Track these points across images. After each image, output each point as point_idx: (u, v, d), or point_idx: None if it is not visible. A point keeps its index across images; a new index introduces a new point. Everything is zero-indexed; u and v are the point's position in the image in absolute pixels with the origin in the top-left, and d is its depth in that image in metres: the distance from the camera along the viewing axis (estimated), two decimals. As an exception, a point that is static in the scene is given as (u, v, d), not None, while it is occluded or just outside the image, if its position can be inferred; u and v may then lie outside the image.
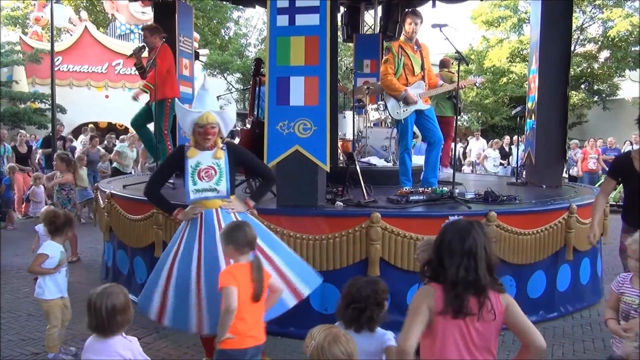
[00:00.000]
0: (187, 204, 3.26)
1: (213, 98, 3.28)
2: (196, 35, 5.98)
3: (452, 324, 1.89)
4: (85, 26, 19.13)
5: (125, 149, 9.97)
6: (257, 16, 27.32)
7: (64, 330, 3.73)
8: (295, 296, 3.12)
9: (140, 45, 6.45)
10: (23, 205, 9.79)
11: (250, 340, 2.64)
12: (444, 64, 8.34)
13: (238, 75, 23.41)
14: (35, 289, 3.67)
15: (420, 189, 4.83)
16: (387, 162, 6.70)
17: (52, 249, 3.62)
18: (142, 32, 6.46)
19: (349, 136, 6.42)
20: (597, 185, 10.40)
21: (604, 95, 20.67)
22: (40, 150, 11.24)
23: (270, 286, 2.81)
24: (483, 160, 12.99)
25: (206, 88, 3.23)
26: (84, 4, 24.12)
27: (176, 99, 4.11)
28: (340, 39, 10.36)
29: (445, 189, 4.82)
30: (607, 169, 11.71)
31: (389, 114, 5.63)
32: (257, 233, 3.10)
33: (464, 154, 14.29)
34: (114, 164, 9.88)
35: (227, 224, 2.97)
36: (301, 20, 4.19)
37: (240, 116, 8.73)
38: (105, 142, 11.63)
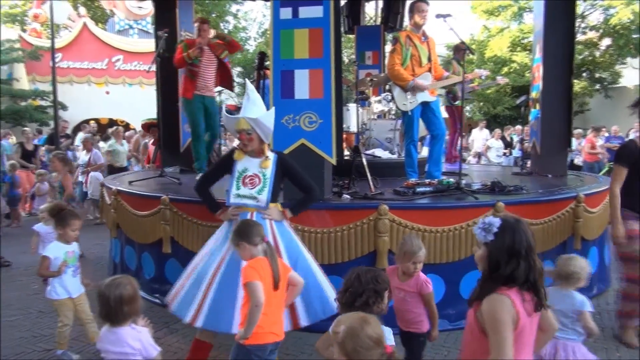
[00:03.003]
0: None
1: (253, 104, 3.19)
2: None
3: (527, 322, 1.88)
4: (84, 22, 19.05)
5: (115, 146, 9.90)
6: (256, 9, 27.21)
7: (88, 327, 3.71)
8: (293, 323, 3.07)
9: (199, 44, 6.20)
10: (27, 203, 9.80)
11: (270, 336, 2.64)
12: (457, 50, 8.14)
13: (239, 69, 23.34)
14: (45, 287, 3.69)
15: (427, 181, 4.82)
16: (392, 154, 6.69)
17: (54, 251, 3.56)
18: (198, 24, 6.16)
19: (353, 129, 6.40)
20: (601, 173, 10.39)
21: (605, 83, 20.59)
22: (44, 147, 11.23)
23: (290, 279, 2.81)
24: (486, 151, 12.99)
25: (247, 94, 3.21)
26: (82, 0, 24.00)
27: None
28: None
29: (451, 180, 4.81)
30: (609, 157, 11.71)
31: (396, 105, 5.60)
32: (284, 245, 3.17)
33: (467, 144, 14.26)
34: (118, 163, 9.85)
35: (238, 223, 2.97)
36: (304, 12, 4.16)
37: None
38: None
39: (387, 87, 7.33)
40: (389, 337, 2.27)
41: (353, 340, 1.74)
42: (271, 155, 3.25)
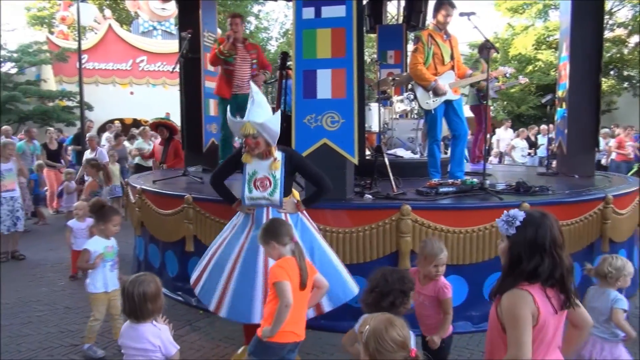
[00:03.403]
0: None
1: (259, 107, 3.16)
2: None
3: (551, 319, 1.83)
4: (110, 24, 19.41)
5: (142, 145, 10.11)
6: (277, 9, 27.32)
7: (115, 322, 3.78)
8: (316, 310, 3.16)
9: (229, 36, 6.32)
10: (54, 201, 10.01)
11: (291, 335, 2.65)
12: (482, 49, 8.07)
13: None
14: (85, 281, 3.80)
15: (450, 181, 4.77)
16: (414, 153, 6.63)
17: (95, 245, 3.71)
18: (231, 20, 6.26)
19: (375, 128, 6.37)
20: (630, 173, 10.13)
21: (634, 81, 20.07)
22: (70, 147, 11.47)
23: (316, 282, 2.82)
24: (511, 151, 12.79)
25: (252, 96, 3.19)
26: (108, 2, 24.45)
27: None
28: (362, 30, 10.27)
29: (475, 180, 4.75)
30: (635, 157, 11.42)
31: (418, 104, 5.56)
32: (302, 235, 3.19)
33: (490, 144, 14.05)
34: (136, 160, 10.02)
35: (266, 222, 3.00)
36: (327, 12, 4.16)
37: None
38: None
39: (409, 86, 7.26)
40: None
41: (377, 342, 1.73)
42: (279, 155, 3.23)
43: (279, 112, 3.39)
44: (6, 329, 4.18)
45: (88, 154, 9.23)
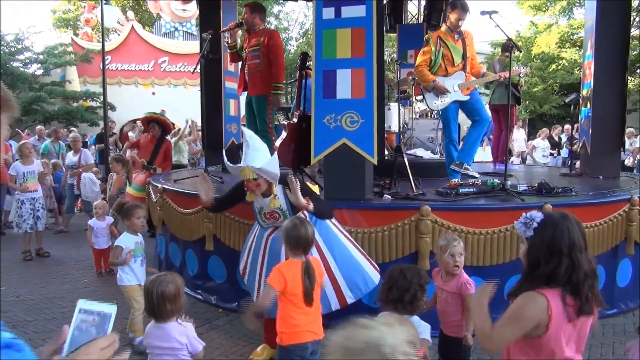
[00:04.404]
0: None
1: (256, 150, 3.13)
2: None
3: (566, 327, 1.77)
4: (132, 26, 19.68)
5: (179, 144, 10.17)
6: (297, 10, 27.35)
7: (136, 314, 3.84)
8: (340, 301, 3.20)
9: (238, 21, 5.94)
10: (79, 201, 10.19)
11: (308, 334, 2.66)
12: (505, 48, 7.96)
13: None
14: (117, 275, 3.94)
15: (470, 181, 4.71)
16: (434, 153, 6.60)
17: (126, 241, 3.85)
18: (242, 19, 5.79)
19: (394, 128, 6.34)
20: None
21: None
22: (94, 146, 11.69)
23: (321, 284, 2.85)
24: (532, 151, 12.58)
25: (246, 140, 3.16)
26: (130, 4, 24.82)
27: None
28: (382, 30, 10.23)
29: (496, 180, 4.69)
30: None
31: (426, 104, 5.51)
32: (319, 230, 3.18)
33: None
34: (174, 159, 10.04)
35: (290, 219, 2.98)
36: (347, 12, 4.16)
37: (284, 110, 8.74)
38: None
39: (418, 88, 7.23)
40: (426, 333, 2.35)
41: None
42: (278, 191, 3.21)
43: (275, 155, 3.38)
44: (31, 324, 4.28)
45: (72, 157, 8.72)
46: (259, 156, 3.08)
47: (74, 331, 1.13)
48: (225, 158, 3.49)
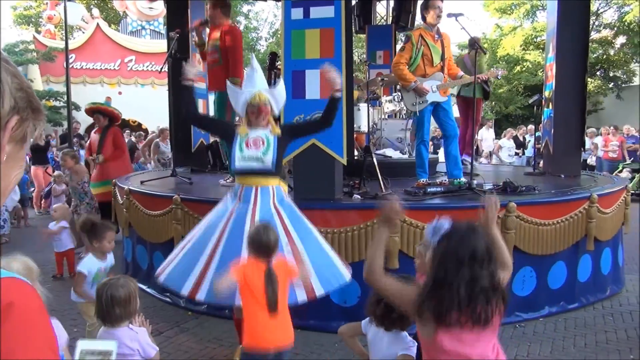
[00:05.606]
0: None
1: (262, 77, 3.22)
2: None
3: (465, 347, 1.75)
4: (97, 23, 19.24)
5: (160, 145, 9.97)
6: (267, 9, 27.27)
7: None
8: (307, 294, 3.01)
9: (204, 19, 5.83)
10: (42, 201, 9.90)
11: (270, 341, 2.55)
12: (472, 44, 8.03)
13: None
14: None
15: (438, 181, 4.79)
16: (403, 154, 6.66)
17: (89, 265, 3.41)
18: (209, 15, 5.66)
19: (364, 129, 6.39)
20: (614, 173, 10.26)
21: (619, 82, 20.33)
22: (55, 148, 11.39)
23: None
24: (498, 150, 12.90)
25: (254, 67, 3.18)
26: (95, 2, 24.24)
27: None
28: (351, 31, 10.30)
29: (463, 180, 4.78)
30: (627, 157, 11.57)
31: (405, 106, 5.54)
32: (291, 220, 3.11)
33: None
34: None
35: (255, 226, 2.87)
36: (316, 12, 4.17)
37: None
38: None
39: (397, 86, 7.29)
40: (411, 347, 2.25)
41: None
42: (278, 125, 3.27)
43: (281, 80, 3.42)
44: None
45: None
46: (266, 81, 3.16)
47: None
48: (228, 83, 3.46)
